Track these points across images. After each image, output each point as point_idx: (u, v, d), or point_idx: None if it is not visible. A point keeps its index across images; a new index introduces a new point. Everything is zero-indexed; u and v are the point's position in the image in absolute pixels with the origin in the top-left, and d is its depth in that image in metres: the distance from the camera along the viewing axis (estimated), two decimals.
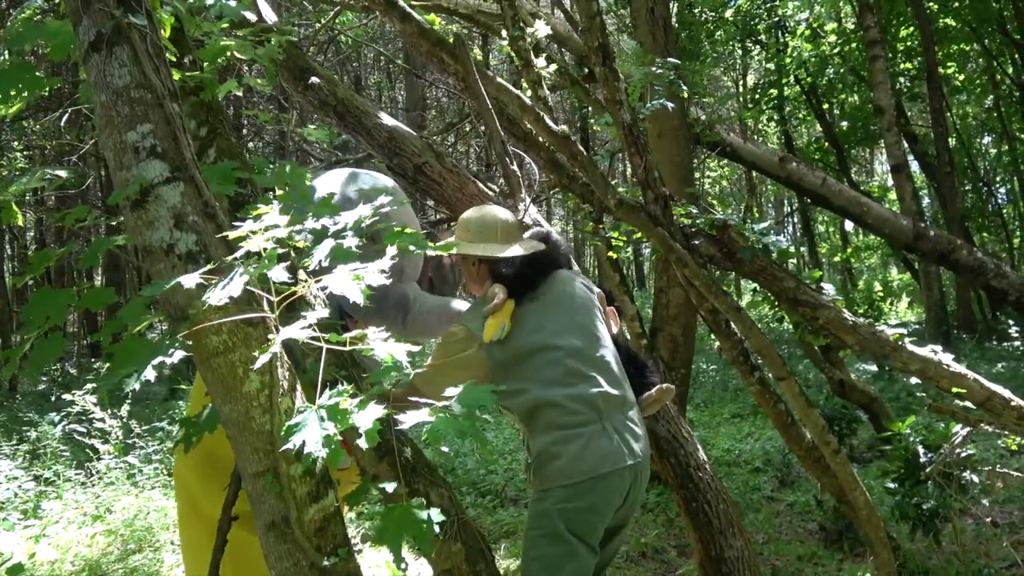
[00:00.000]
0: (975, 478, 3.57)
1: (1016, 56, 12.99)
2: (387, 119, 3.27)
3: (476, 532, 2.30)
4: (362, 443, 1.62)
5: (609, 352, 2.58)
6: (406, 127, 3.30)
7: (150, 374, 1.68)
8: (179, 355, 1.72)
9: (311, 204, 2.08)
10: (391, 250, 1.92)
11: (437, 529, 1.77)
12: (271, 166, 2.54)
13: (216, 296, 1.65)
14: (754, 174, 14.57)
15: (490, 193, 3.17)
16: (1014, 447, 3.42)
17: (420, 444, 2.37)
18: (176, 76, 2.28)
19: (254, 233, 1.78)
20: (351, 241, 2.08)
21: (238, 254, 1.77)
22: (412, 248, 2.16)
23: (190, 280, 1.70)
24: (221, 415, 1.91)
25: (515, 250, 2.66)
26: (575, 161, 3.48)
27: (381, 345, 1.73)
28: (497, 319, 2.50)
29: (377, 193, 2.64)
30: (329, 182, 2.86)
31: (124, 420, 5.91)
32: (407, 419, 1.82)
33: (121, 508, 5.05)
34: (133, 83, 1.93)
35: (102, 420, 5.51)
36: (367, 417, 1.64)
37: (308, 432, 1.60)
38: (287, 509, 1.88)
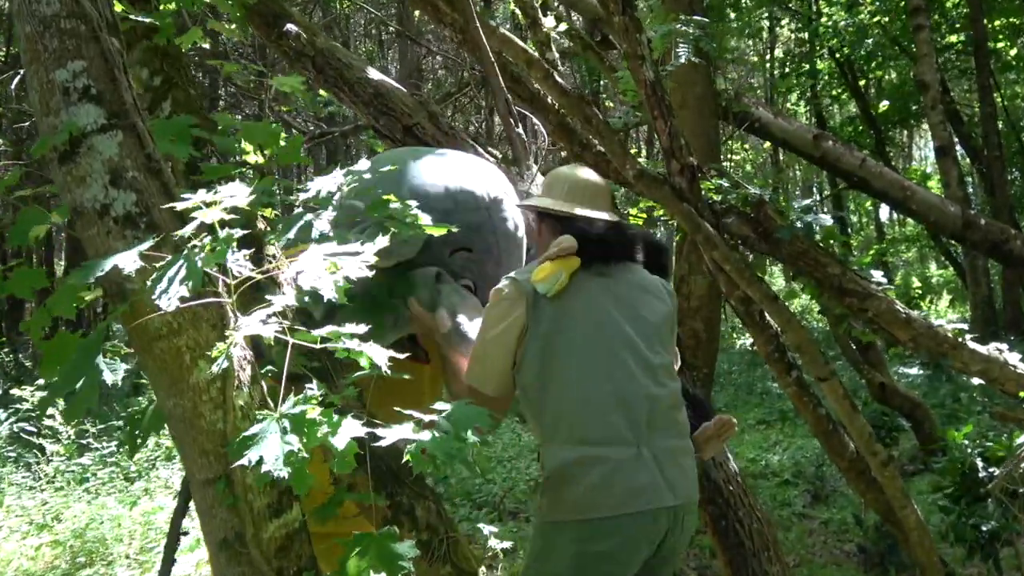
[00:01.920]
0: None
1: None
2: (374, 73, 3.12)
3: (468, 553, 2.20)
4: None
5: (668, 368, 2.30)
6: (395, 83, 3.14)
7: (90, 397, 1.54)
8: (119, 372, 1.59)
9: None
10: (382, 240, 1.77)
11: (409, 567, 1.64)
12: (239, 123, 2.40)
13: (169, 295, 1.50)
14: (782, 156, 14.42)
15: (490, 160, 3.01)
16: None
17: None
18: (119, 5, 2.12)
19: (208, 204, 1.62)
20: (324, 222, 1.95)
21: (188, 228, 1.61)
22: (408, 231, 2.04)
23: (128, 260, 1.55)
24: (165, 410, 1.77)
25: (582, 212, 2.39)
26: (589, 126, 3.33)
27: (356, 344, 1.60)
28: (555, 265, 2.21)
29: (464, 197, 2.50)
30: (419, 167, 2.58)
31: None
32: (386, 434, 1.69)
33: (71, 516, 4.94)
34: (64, 11, 1.80)
35: (51, 417, 5.36)
36: (342, 436, 1.53)
37: (267, 447, 1.45)
38: (242, 524, 1.75)
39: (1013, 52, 14.72)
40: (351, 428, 1.54)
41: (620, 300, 2.27)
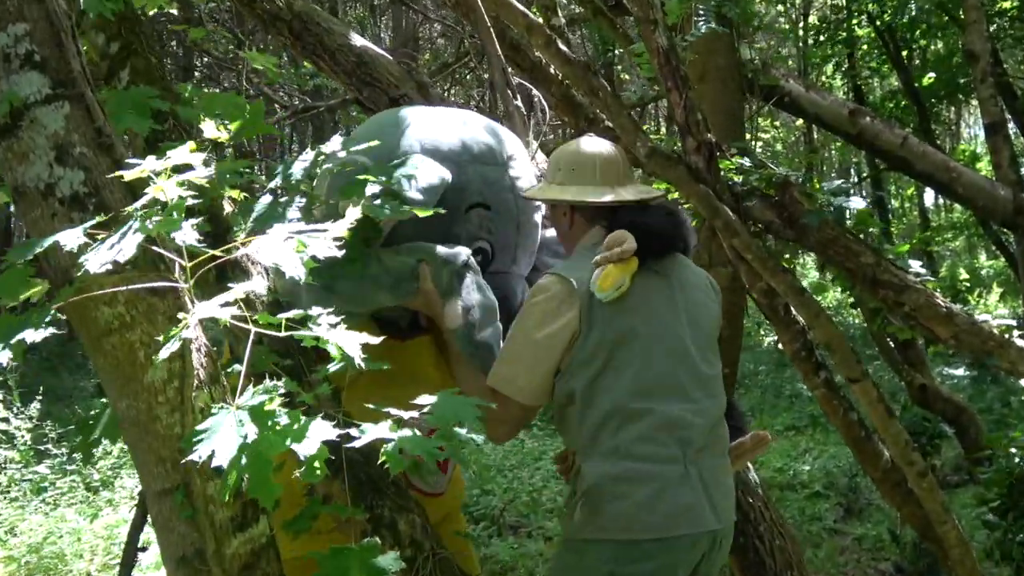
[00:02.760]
0: None
1: None
2: (357, 39, 3.12)
3: (457, 571, 2.19)
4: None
5: (719, 380, 2.30)
6: (381, 50, 3.13)
7: (3, 357, 1.51)
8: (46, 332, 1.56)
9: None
10: (352, 211, 1.76)
11: None
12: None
13: (98, 259, 1.47)
14: (816, 134, 14.37)
15: None
16: None
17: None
18: None
19: (159, 175, 1.60)
20: (295, 210, 1.94)
21: (139, 203, 1.59)
22: (386, 211, 2.02)
23: (71, 237, 1.54)
24: (117, 412, 1.77)
25: (623, 195, 2.33)
26: (596, 99, 3.31)
27: (328, 332, 1.58)
28: (620, 270, 2.15)
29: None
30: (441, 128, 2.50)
31: (35, 421, 5.78)
32: (361, 435, 1.68)
33: (27, 530, 4.97)
34: None
35: (5, 420, 5.38)
36: (312, 439, 1.50)
37: (219, 439, 1.42)
38: (203, 539, 1.76)
39: None
40: (320, 430, 1.51)
41: (677, 304, 2.26)
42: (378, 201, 2.04)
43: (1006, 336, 3.13)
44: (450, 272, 2.28)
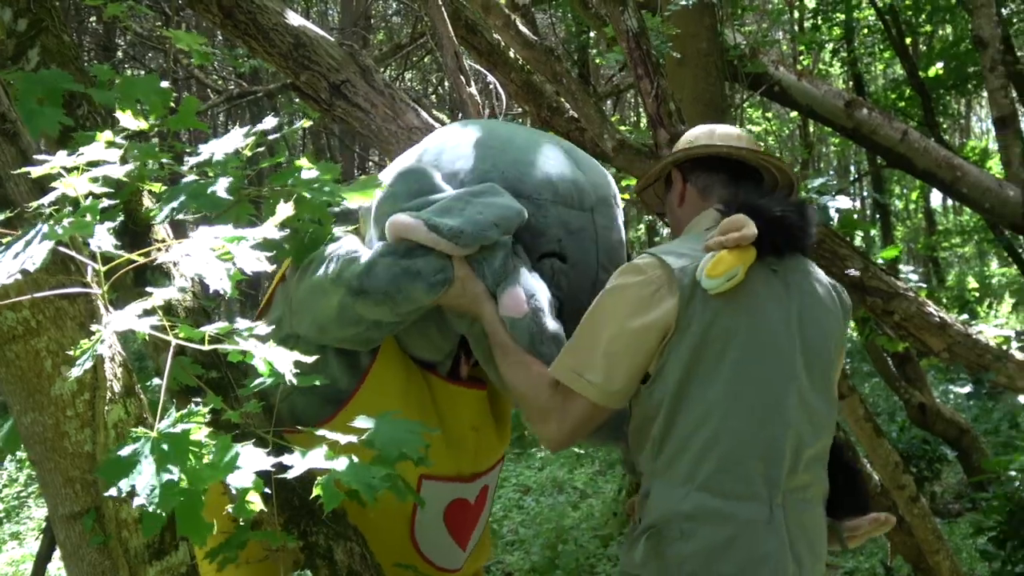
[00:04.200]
0: None
1: None
2: (294, 18, 3.14)
3: None
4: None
5: (829, 413, 2.14)
6: (321, 31, 3.17)
7: None
8: None
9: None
10: (283, 208, 1.79)
11: None
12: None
13: (4, 268, 1.50)
14: (811, 127, 14.53)
15: (437, 125, 3.05)
16: None
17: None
18: None
19: (69, 170, 1.64)
20: (221, 186, 1.95)
21: (46, 199, 1.62)
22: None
23: None
24: (20, 428, 1.78)
25: (742, 152, 2.22)
26: (560, 86, 3.36)
27: (256, 346, 1.61)
28: (735, 257, 1.98)
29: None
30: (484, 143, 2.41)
31: None
32: (296, 463, 1.72)
33: None
34: None
35: None
36: (245, 470, 1.53)
37: (141, 474, 1.44)
38: (115, 569, 1.77)
39: None
40: (253, 459, 1.54)
41: (793, 312, 2.09)
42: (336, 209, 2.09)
43: (1004, 348, 3.22)
44: (504, 254, 2.16)
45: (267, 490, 1.99)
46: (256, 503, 1.58)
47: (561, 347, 2.12)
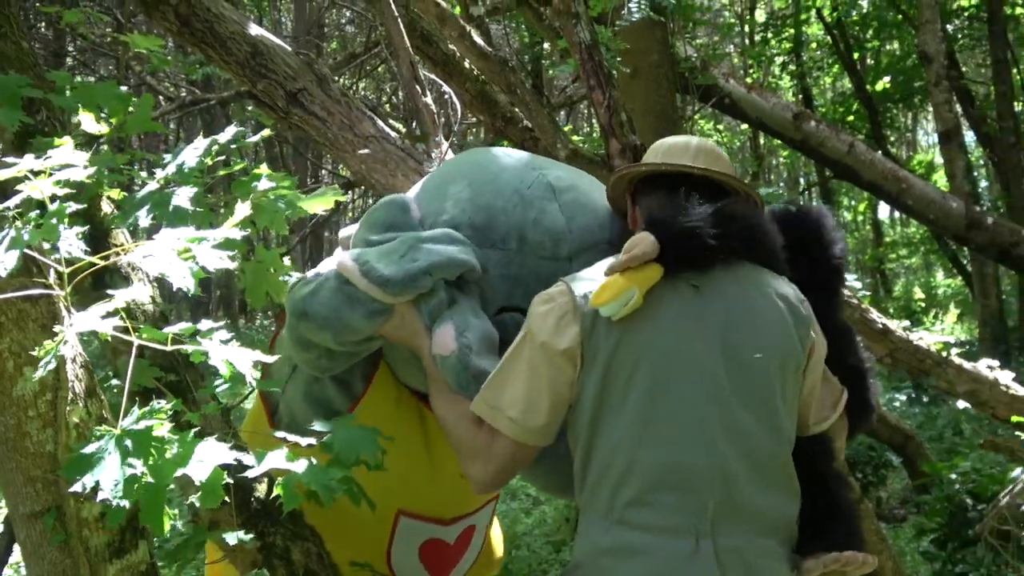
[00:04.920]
0: None
1: None
2: (252, 28, 3.17)
3: None
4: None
5: (773, 434, 1.94)
6: (279, 40, 3.20)
7: None
8: None
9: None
10: (242, 207, 1.82)
11: None
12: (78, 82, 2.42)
13: None
14: (762, 139, 14.74)
15: (393, 134, 3.09)
16: None
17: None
18: None
19: (36, 174, 1.66)
20: (184, 196, 1.97)
21: (11, 202, 1.65)
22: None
23: None
24: None
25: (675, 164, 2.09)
26: (514, 97, 3.42)
27: (215, 347, 1.63)
28: (627, 279, 1.88)
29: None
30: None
31: None
32: (256, 463, 1.75)
33: None
34: None
35: None
36: (206, 463, 1.54)
37: (104, 470, 1.47)
38: (76, 567, 1.80)
39: None
40: (213, 452, 1.55)
41: (715, 330, 1.93)
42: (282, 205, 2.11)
43: (944, 355, 3.32)
44: (442, 294, 2.11)
45: (227, 485, 2.03)
46: (220, 494, 1.59)
47: None
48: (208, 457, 1.53)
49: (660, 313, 1.91)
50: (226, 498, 1.62)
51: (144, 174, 2.14)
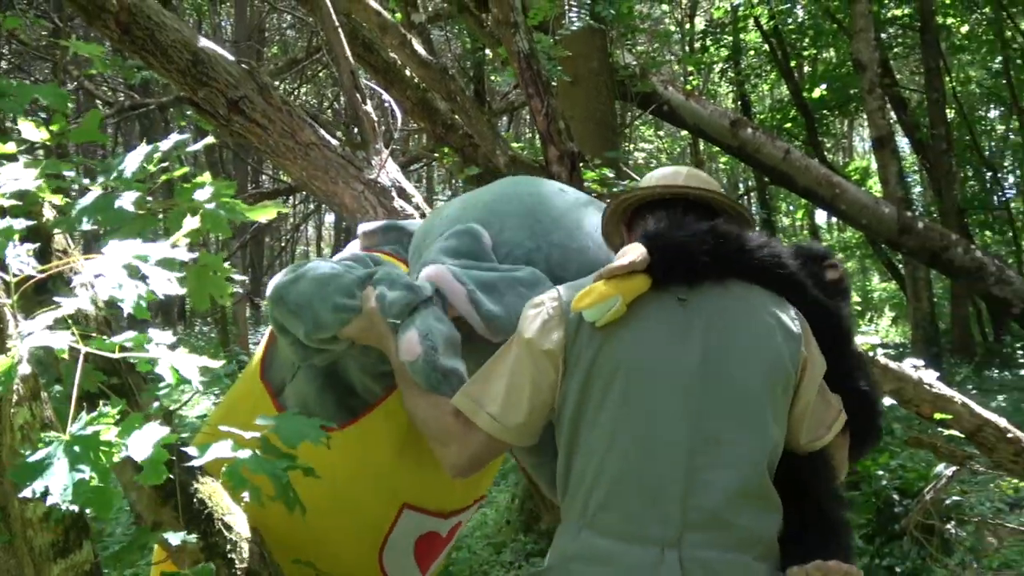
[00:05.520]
0: (963, 532, 3.72)
1: None
2: (193, 36, 3.18)
3: None
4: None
5: (752, 449, 1.92)
6: (220, 49, 3.22)
7: None
8: None
9: None
10: (190, 222, 1.85)
11: None
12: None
13: None
14: (702, 145, 14.93)
15: (333, 141, 3.12)
16: (1009, 491, 3.59)
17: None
18: None
19: None
20: (127, 200, 1.98)
21: None
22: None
23: None
24: None
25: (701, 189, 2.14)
26: (454, 104, 3.47)
27: (163, 353, 1.63)
28: (611, 287, 1.92)
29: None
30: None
31: None
32: (200, 453, 1.74)
33: None
34: None
35: None
36: (144, 440, 1.54)
37: (54, 476, 1.49)
38: (20, 567, 1.81)
39: (964, 30, 15.63)
40: (153, 433, 1.56)
41: (696, 344, 1.94)
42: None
43: (870, 354, 3.41)
44: (403, 306, 2.14)
45: (168, 492, 2.06)
46: (163, 472, 1.58)
47: (459, 382, 2.09)
48: (148, 436, 1.53)
49: (643, 323, 1.94)
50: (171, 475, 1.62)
51: (86, 181, 2.15)
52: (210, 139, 2.27)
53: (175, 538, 1.95)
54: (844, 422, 2.11)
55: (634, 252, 1.95)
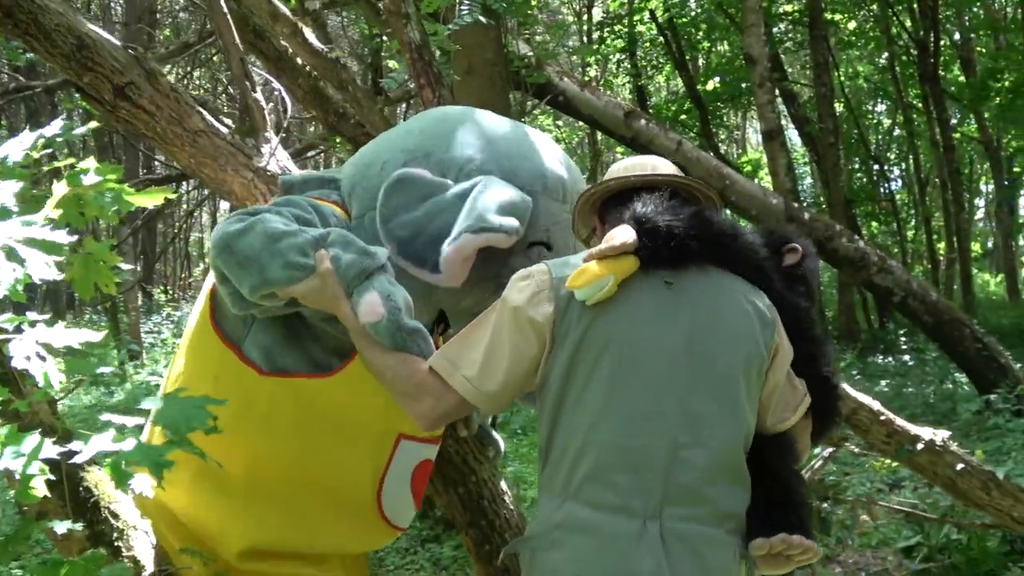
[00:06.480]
0: (839, 512, 3.88)
1: (915, 5, 14.13)
2: (78, 20, 3.14)
3: None
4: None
5: (730, 426, 2.02)
6: (106, 34, 3.18)
7: None
8: None
9: None
10: (59, 186, 1.83)
11: None
12: None
13: None
14: (599, 136, 15.11)
15: (223, 129, 3.12)
16: (882, 471, 3.75)
17: None
18: None
19: None
20: (7, 192, 1.95)
21: None
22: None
23: None
24: None
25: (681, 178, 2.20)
26: (346, 93, 3.49)
27: (35, 352, 1.59)
28: (604, 267, 1.97)
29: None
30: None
31: None
32: (83, 448, 1.70)
33: None
34: None
35: None
36: (22, 455, 1.52)
37: None
38: None
39: (852, 26, 16.13)
40: (34, 445, 1.54)
41: (682, 326, 2.01)
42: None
43: None
44: (360, 270, 2.16)
45: (54, 481, 2.05)
46: (40, 489, 1.57)
47: (424, 339, 2.15)
48: (28, 448, 1.50)
49: (632, 303, 2.00)
50: (47, 493, 1.61)
51: None
52: (92, 124, 2.24)
53: (61, 527, 1.93)
54: (808, 405, 2.20)
55: (624, 234, 2.00)
